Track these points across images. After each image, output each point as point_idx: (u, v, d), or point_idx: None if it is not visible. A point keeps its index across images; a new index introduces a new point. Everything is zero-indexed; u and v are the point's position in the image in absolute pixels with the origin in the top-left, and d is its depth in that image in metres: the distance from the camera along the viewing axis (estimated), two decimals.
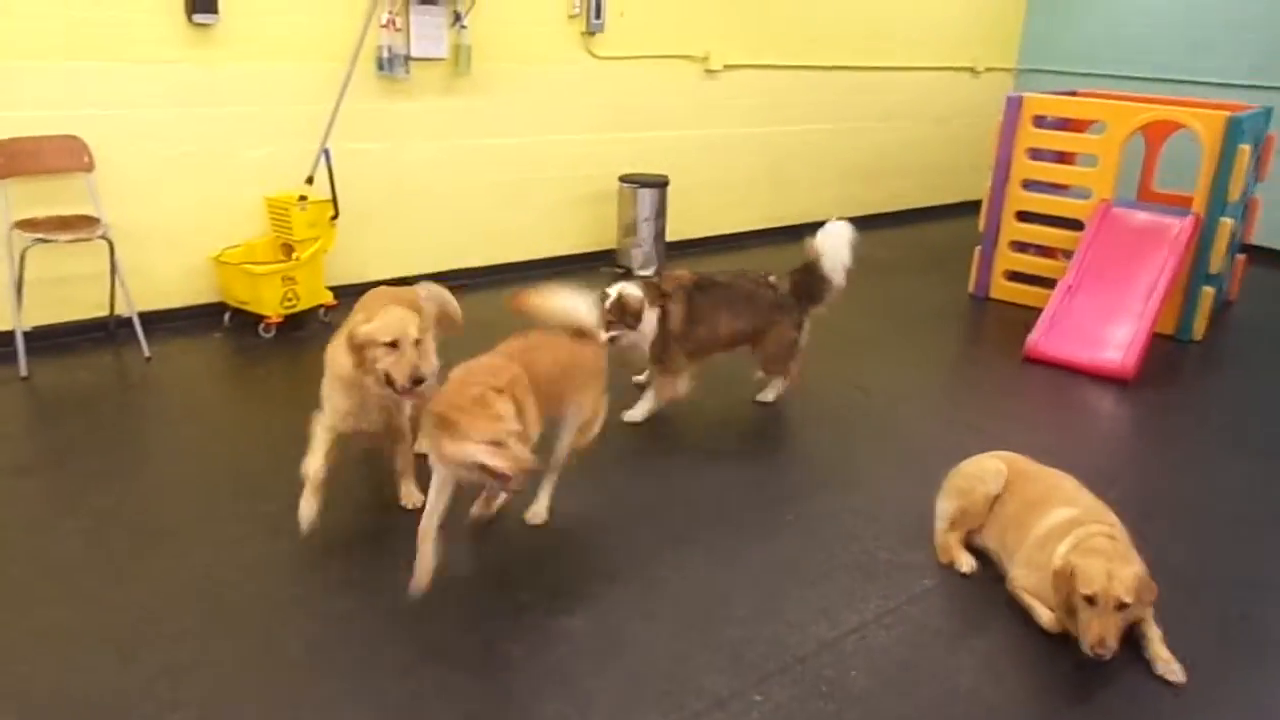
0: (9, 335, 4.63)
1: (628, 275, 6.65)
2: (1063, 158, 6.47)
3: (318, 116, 5.31)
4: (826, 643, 2.86)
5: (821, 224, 4.55)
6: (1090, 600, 2.70)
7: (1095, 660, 2.68)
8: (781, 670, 2.73)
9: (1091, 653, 2.67)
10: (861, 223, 8.43)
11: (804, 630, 2.92)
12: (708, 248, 7.43)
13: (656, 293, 4.26)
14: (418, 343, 3.02)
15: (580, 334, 3.30)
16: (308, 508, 3.12)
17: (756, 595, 3.08)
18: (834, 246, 4.46)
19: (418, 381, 2.98)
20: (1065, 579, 2.78)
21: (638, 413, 4.30)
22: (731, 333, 4.36)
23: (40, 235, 4.45)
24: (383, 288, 3.57)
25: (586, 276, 6.66)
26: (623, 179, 6.63)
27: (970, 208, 7.72)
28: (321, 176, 5.34)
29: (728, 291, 4.38)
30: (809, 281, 4.49)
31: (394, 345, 2.98)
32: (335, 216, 5.39)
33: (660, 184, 6.62)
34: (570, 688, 2.63)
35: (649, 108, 6.88)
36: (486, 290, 6.22)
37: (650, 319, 4.19)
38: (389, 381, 3.00)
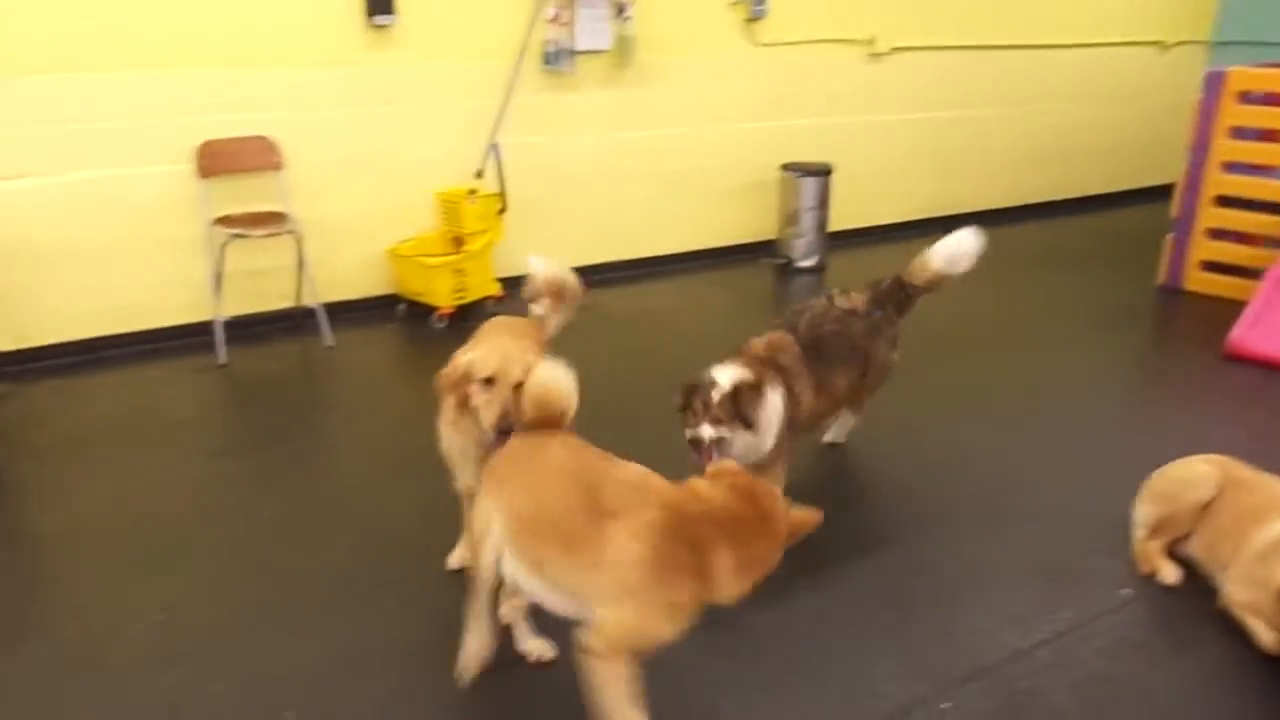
0: (209, 325, 4.94)
1: (787, 267, 6.57)
2: (1269, 136, 5.93)
3: (486, 112, 5.44)
4: (1019, 652, 2.71)
5: (992, 212, 4.26)
6: None
7: None
8: (969, 679, 2.60)
9: None
10: (1037, 211, 8.17)
11: (993, 638, 2.77)
12: (871, 238, 7.21)
13: (770, 368, 3.16)
14: (520, 386, 2.43)
15: None
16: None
17: (940, 600, 2.95)
18: (952, 256, 3.68)
19: (506, 433, 2.44)
20: None
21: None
22: (848, 387, 3.49)
23: (238, 231, 4.73)
24: (500, 318, 3.06)
25: (747, 267, 6.60)
26: (784, 167, 6.51)
27: (1157, 193, 7.22)
28: (490, 171, 5.48)
29: (839, 339, 3.41)
30: (899, 292, 3.69)
31: (490, 382, 2.48)
32: (503, 210, 5.52)
33: (823, 172, 6.47)
34: (749, 691, 2.58)
35: (812, 94, 6.73)
36: (647, 282, 6.25)
37: (775, 405, 3.10)
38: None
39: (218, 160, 4.85)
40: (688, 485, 2.14)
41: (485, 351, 2.52)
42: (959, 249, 3.64)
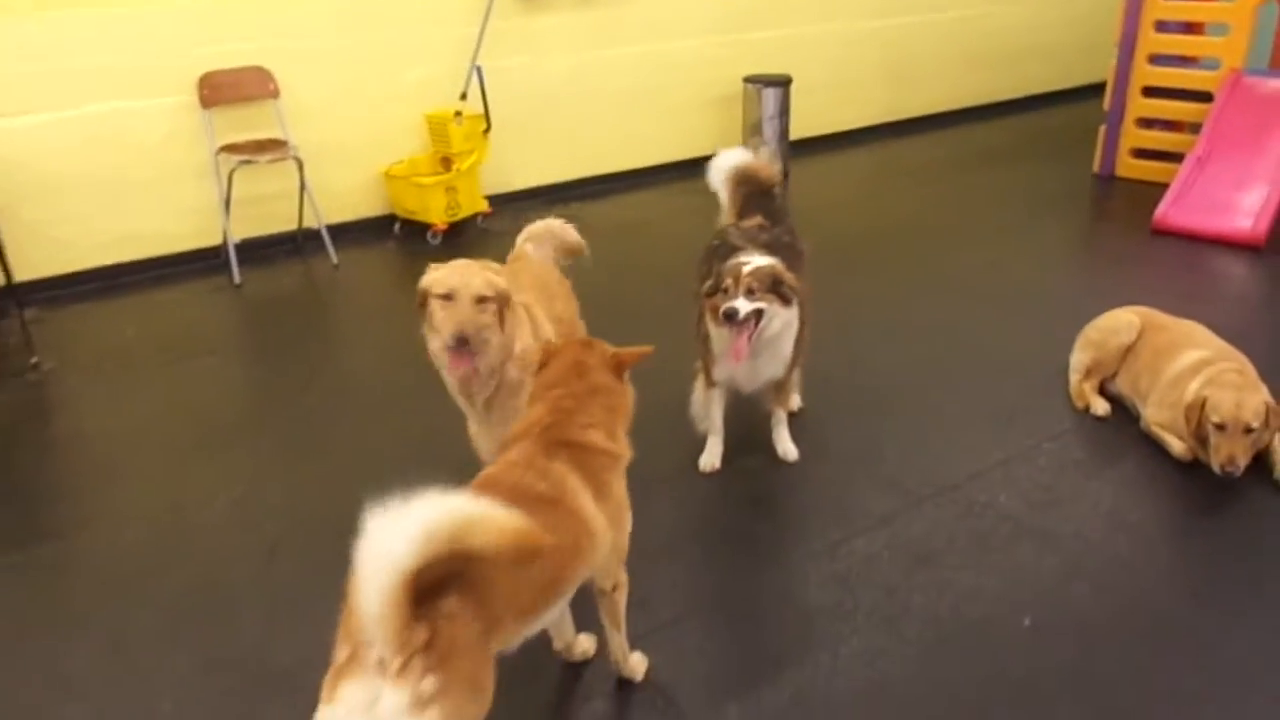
0: (219, 250, 5.27)
1: None
2: (1191, 28, 6.41)
3: (468, 37, 5.73)
4: (974, 474, 3.23)
5: (941, 115, 4.64)
6: (1220, 427, 2.99)
7: (1226, 478, 2.98)
8: (935, 495, 3.13)
9: (1221, 471, 2.98)
10: (982, 111, 8.62)
11: (953, 465, 3.29)
12: (830, 145, 7.63)
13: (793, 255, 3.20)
14: (482, 300, 2.57)
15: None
16: None
17: (908, 440, 3.47)
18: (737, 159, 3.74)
19: (462, 341, 2.54)
20: (1196, 410, 3.07)
21: (790, 450, 3.37)
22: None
23: (244, 157, 5.03)
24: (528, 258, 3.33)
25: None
26: (746, 80, 6.87)
27: (1091, 91, 7.69)
28: (474, 93, 5.79)
29: (792, 252, 3.29)
30: (767, 200, 3.63)
31: (448, 298, 2.58)
32: (488, 129, 5.85)
33: (783, 83, 6.84)
34: (763, 509, 3.09)
35: (771, 7, 7.06)
36: (623, 194, 6.63)
37: (792, 310, 3.06)
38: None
39: (218, 90, 5.12)
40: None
41: (444, 270, 2.64)
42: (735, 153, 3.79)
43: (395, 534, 1.45)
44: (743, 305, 2.89)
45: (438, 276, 2.63)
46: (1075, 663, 2.42)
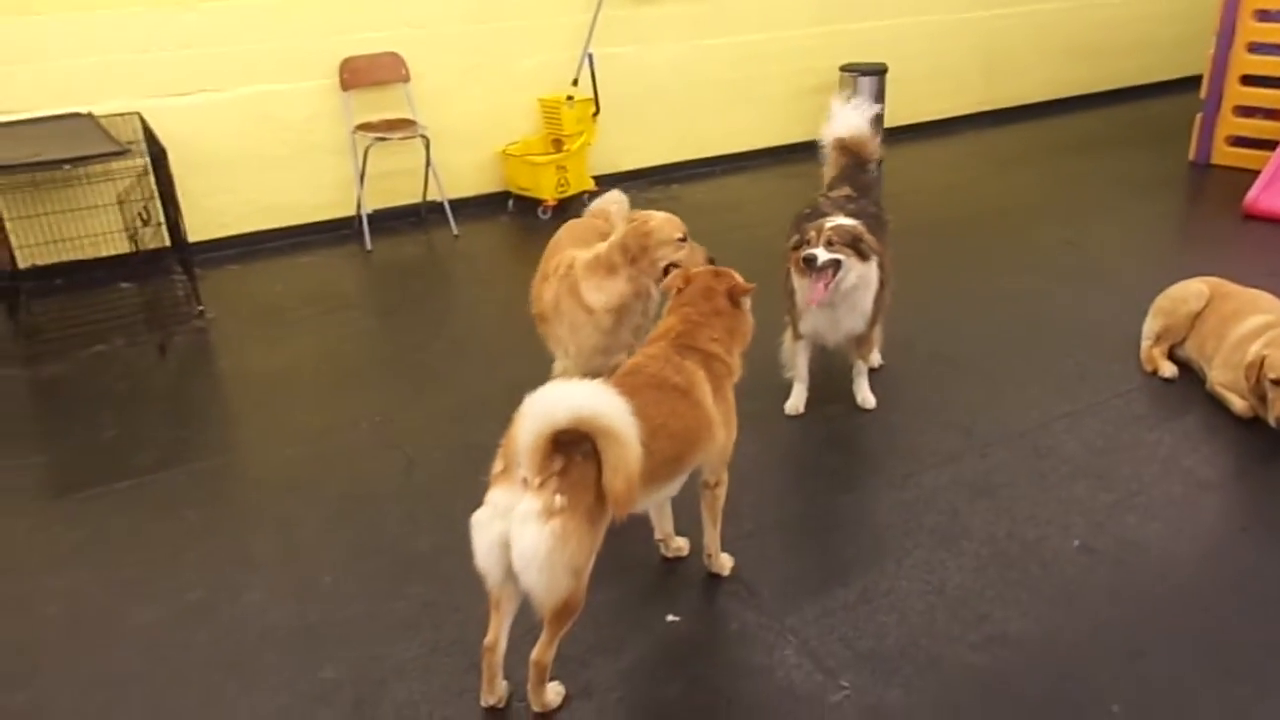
0: (356, 219, 5.83)
1: None
2: None
3: (579, 25, 6.16)
4: (1040, 423, 3.50)
5: (1036, 105, 4.75)
6: (1276, 383, 3.20)
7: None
8: (1002, 440, 3.41)
9: (1276, 424, 3.19)
10: (1077, 102, 8.70)
11: (1021, 416, 3.56)
12: (924, 133, 7.83)
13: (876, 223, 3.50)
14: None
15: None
16: None
17: (981, 393, 3.74)
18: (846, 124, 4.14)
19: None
20: (1255, 368, 3.28)
21: (869, 398, 3.67)
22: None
23: (379, 135, 5.56)
24: (572, 221, 3.73)
25: (811, 163, 7.28)
26: (843, 68, 7.14)
27: (1188, 84, 7.70)
28: (584, 78, 6.22)
29: (877, 222, 3.59)
30: (859, 171, 4.04)
31: (685, 240, 3.10)
32: (597, 113, 6.27)
33: (879, 71, 7.09)
34: (840, 447, 3.43)
35: None
36: (721, 177, 6.99)
37: (873, 269, 3.34)
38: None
39: (357, 74, 5.66)
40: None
41: (663, 217, 3.11)
42: (849, 116, 4.18)
43: (555, 400, 1.90)
44: (821, 254, 3.21)
45: (664, 221, 3.10)
46: (1118, 576, 2.69)
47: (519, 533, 1.96)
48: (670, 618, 2.61)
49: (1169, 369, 3.78)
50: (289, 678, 2.45)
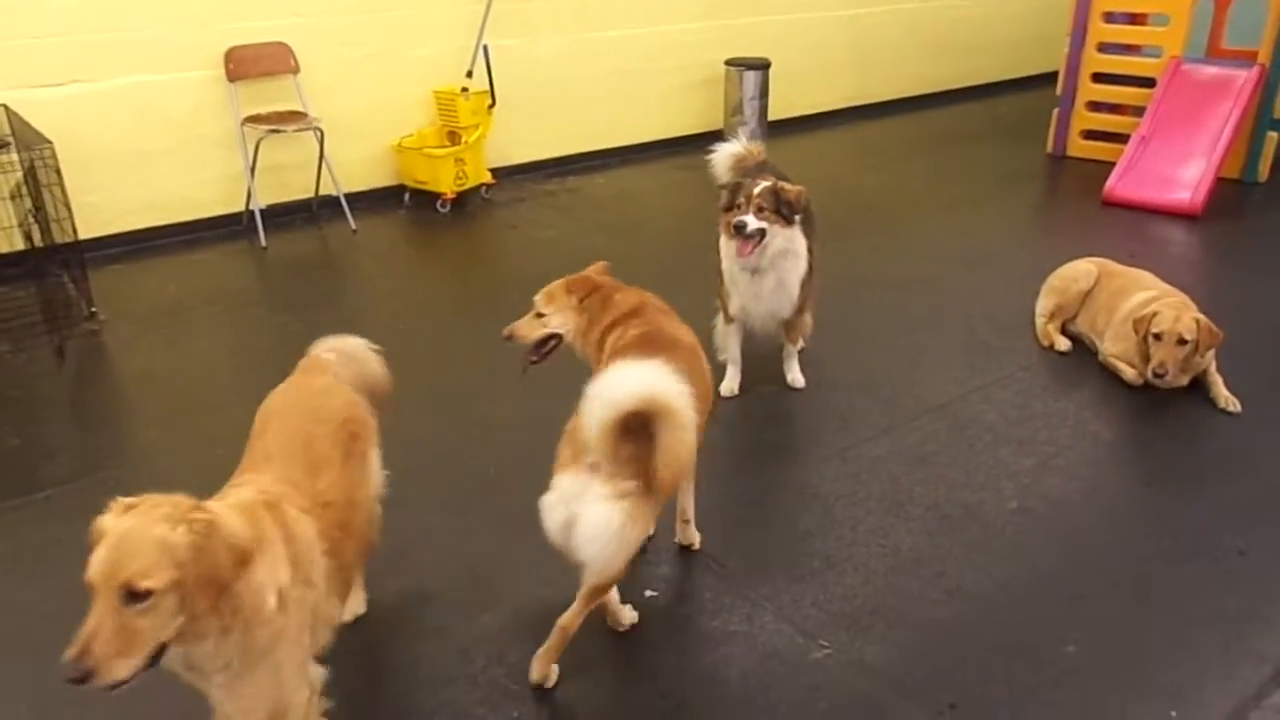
0: (242, 216, 5.60)
1: None
2: (1135, 19, 7.00)
3: (471, 15, 6.11)
4: (958, 396, 3.73)
5: (906, 100, 5.06)
6: (1158, 337, 3.53)
7: (1159, 383, 3.55)
8: (926, 412, 3.62)
9: (1153, 375, 3.54)
10: (944, 97, 9.21)
11: (940, 389, 3.78)
12: (806, 125, 8.13)
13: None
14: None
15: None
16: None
17: (899, 370, 3.95)
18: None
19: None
20: (1145, 323, 3.60)
21: (799, 378, 3.82)
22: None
23: (272, 127, 5.36)
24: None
25: (700, 154, 7.44)
26: (728, 63, 7.33)
27: (1047, 79, 8.27)
28: (479, 70, 6.17)
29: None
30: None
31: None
32: (493, 105, 6.23)
33: (763, 66, 7.31)
34: (780, 424, 3.55)
35: None
36: (616, 169, 7.06)
37: (800, 241, 3.52)
38: None
39: (243, 65, 5.44)
40: None
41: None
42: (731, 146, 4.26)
43: (621, 384, 1.96)
44: (751, 221, 3.37)
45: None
46: (1051, 530, 2.92)
47: (589, 513, 2.00)
48: (649, 593, 2.66)
49: (1064, 343, 4.09)
50: None
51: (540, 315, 2.78)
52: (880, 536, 2.90)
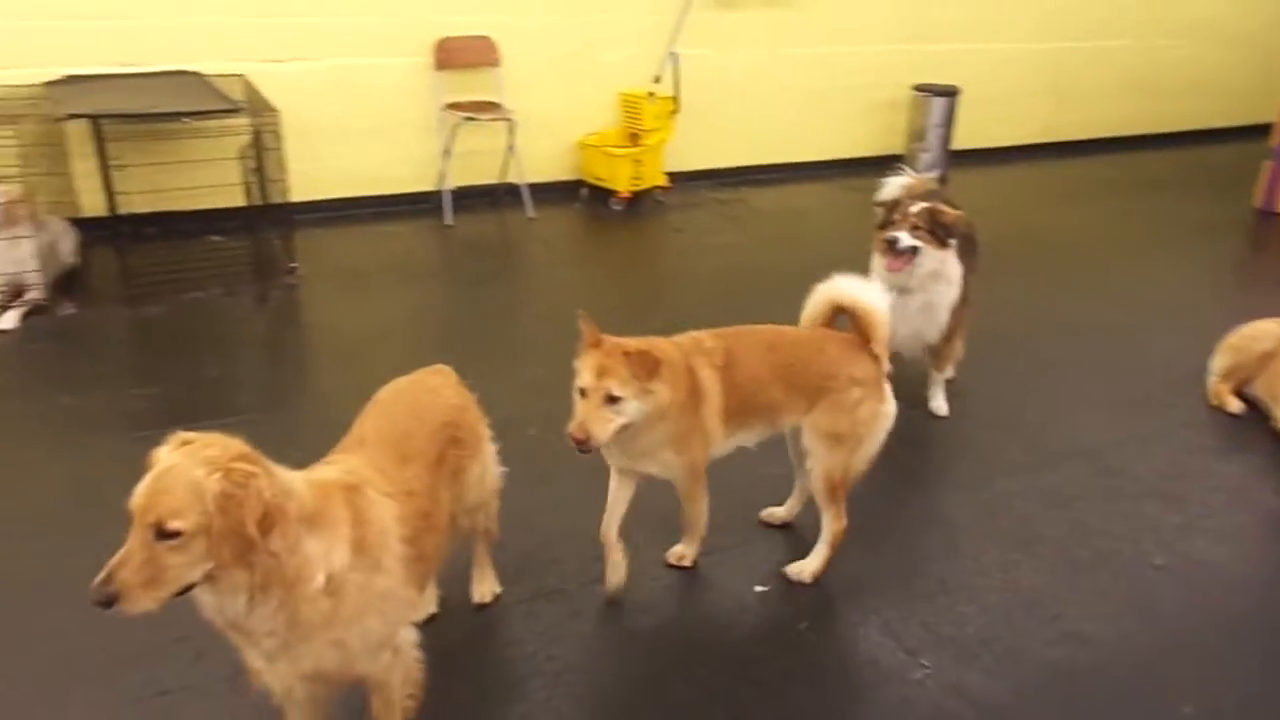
0: (433, 195, 6.00)
1: None
2: None
3: (664, 24, 6.31)
4: (1110, 444, 3.61)
5: (1102, 140, 4.85)
6: None
7: None
8: (1072, 455, 3.52)
9: None
10: (1144, 141, 8.76)
11: (1091, 435, 3.67)
12: (990, 158, 7.93)
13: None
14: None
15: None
16: None
17: (1051, 411, 3.85)
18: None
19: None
20: None
21: (942, 405, 3.83)
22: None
23: (469, 114, 5.72)
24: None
25: (875, 178, 7.41)
26: (915, 88, 7.25)
27: (1261, 131, 7.76)
28: (667, 76, 6.36)
29: (970, 242, 3.74)
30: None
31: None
32: (676, 111, 6.41)
33: (950, 93, 7.20)
34: (917, 450, 3.55)
35: (944, 22, 7.43)
36: (787, 184, 7.12)
37: (955, 265, 3.52)
38: None
39: (451, 55, 5.83)
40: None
41: None
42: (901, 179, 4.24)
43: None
44: (904, 238, 3.40)
45: None
46: (1190, 592, 2.80)
47: None
48: (759, 588, 2.74)
49: (1235, 405, 3.88)
50: None
51: (614, 400, 2.42)
52: (1001, 570, 2.86)
